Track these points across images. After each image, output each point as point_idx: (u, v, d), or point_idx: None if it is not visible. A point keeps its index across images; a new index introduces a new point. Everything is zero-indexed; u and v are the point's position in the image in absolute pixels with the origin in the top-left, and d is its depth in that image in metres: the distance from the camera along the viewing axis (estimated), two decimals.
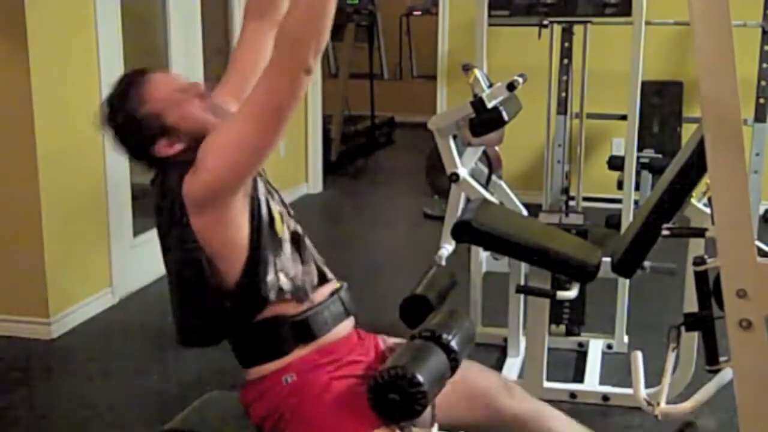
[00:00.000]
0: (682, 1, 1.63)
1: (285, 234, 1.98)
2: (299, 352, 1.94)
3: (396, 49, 9.31)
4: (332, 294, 2.04)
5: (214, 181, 1.83)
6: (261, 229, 1.91)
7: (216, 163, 1.82)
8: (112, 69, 4.25)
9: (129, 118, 1.93)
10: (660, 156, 5.11)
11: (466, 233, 2.94)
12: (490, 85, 3.37)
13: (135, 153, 1.99)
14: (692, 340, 3.04)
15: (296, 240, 2.01)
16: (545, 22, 5.09)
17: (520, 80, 3.26)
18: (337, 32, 8.66)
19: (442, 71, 6.88)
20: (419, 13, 9.06)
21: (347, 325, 2.06)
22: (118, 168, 4.37)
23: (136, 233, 4.64)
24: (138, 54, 4.83)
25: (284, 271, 1.93)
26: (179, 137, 1.93)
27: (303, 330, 1.95)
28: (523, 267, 3.39)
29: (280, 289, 1.91)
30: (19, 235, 3.92)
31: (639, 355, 2.04)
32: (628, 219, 3.58)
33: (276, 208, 1.99)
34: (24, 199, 3.86)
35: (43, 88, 3.80)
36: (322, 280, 2.04)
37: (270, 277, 1.90)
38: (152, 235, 4.72)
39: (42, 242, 3.88)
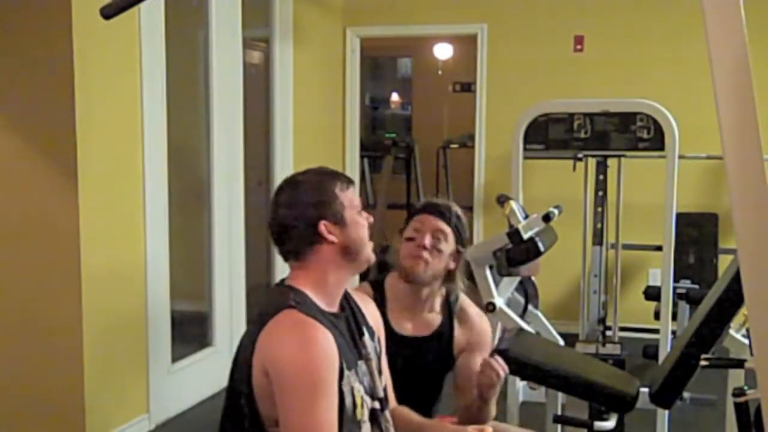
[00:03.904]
0: (714, 136, 1.68)
1: (365, 416, 2.03)
2: None
3: (433, 180, 9.44)
4: None
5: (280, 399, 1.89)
6: (342, 420, 1.94)
7: (292, 405, 1.88)
8: (156, 198, 4.38)
9: (327, 188, 2.05)
10: (697, 287, 5.09)
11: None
12: (526, 217, 3.42)
13: (304, 215, 2.04)
14: None
15: (375, 418, 2.07)
16: (580, 156, 5.19)
17: (556, 212, 3.31)
18: (375, 164, 8.84)
19: (478, 202, 6.97)
20: (456, 145, 9.22)
21: None
22: (159, 294, 4.45)
23: (174, 359, 4.67)
24: (182, 185, 4.98)
25: None
26: (339, 234, 2.04)
27: None
28: (560, 397, 3.36)
29: None
30: (61, 360, 3.96)
31: None
32: (665, 349, 3.57)
33: (360, 392, 2.03)
34: (67, 324, 3.91)
35: (90, 215, 3.91)
36: None
37: None
38: (190, 361, 4.83)
39: (82, 368, 3.92)
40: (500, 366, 2.46)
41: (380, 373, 2.18)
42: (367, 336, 2.16)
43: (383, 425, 2.08)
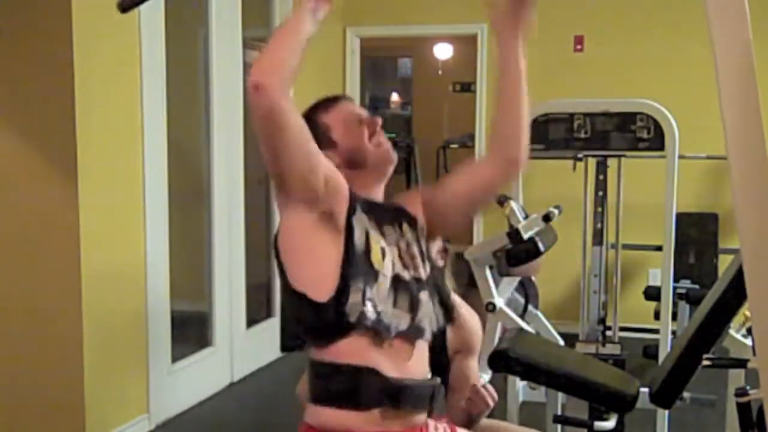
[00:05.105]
0: (714, 136, 1.68)
1: (386, 270, 2.01)
2: (369, 419, 1.95)
3: (433, 180, 9.44)
4: (428, 380, 2.08)
5: (274, 189, 1.99)
6: (352, 255, 1.96)
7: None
8: (156, 198, 4.38)
9: (308, 118, 2.06)
10: (697, 287, 5.10)
11: (502, 363, 2.93)
12: (526, 217, 3.42)
13: None
14: None
15: (397, 282, 2.03)
16: (580, 156, 5.18)
17: (556, 212, 3.31)
18: None
19: None
20: (456, 145, 9.24)
21: (421, 418, 2.07)
22: (158, 294, 4.44)
23: (174, 359, 4.67)
24: (182, 186, 4.97)
25: (373, 302, 1.96)
26: (336, 154, 2.10)
27: (392, 392, 1.97)
28: (560, 397, 3.36)
29: (362, 314, 1.93)
30: (60, 360, 3.96)
31: None
32: (665, 349, 3.57)
33: (379, 243, 2.03)
34: (66, 324, 3.91)
35: (90, 215, 3.90)
36: (415, 333, 2.05)
37: (354, 300, 1.94)
38: (190, 362, 4.83)
39: (82, 368, 3.91)
40: (489, 395, 2.46)
41: (425, 259, 2.16)
42: (406, 225, 2.17)
43: (402, 297, 2.04)
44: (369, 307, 1.95)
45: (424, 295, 2.09)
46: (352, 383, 1.95)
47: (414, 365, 2.04)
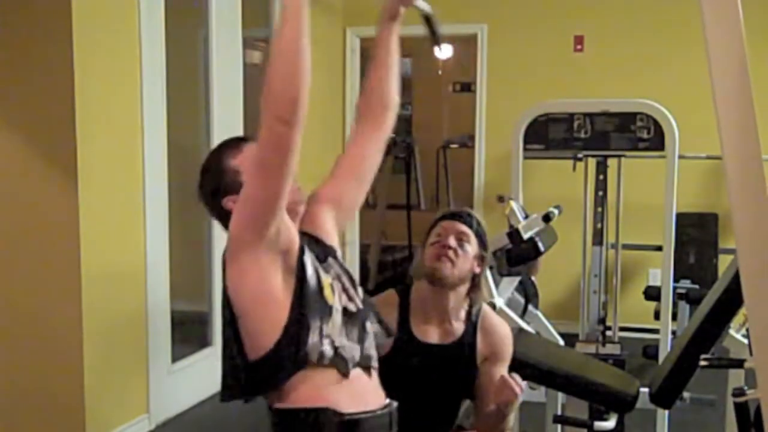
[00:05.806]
0: (714, 136, 1.68)
1: (336, 304, 2.02)
2: None
3: (433, 180, 9.43)
4: (385, 407, 2.07)
5: (234, 230, 1.93)
6: (305, 292, 1.96)
7: (235, 215, 1.93)
8: (156, 198, 4.39)
9: (216, 166, 2.11)
10: (697, 287, 5.10)
11: None
12: (526, 217, 3.42)
13: (208, 200, 2.12)
14: None
15: (347, 315, 2.05)
16: (580, 156, 5.18)
17: (556, 212, 3.31)
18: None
19: (478, 202, 6.96)
20: (456, 145, 9.22)
21: None
22: (159, 294, 4.44)
23: (174, 359, 4.67)
24: (182, 185, 4.97)
25: (330, 338, 1.97)
26: None
27: (349, 429, 1.96)
28: (561, 397, 3.36)
29: (321, 354, 1.94)
30: (61, 360, 3.95)
31: None
32: (665, 349, 3.57)
33: (327, 279, 2.04)
34: (66, 324, 3.91)
35: (90, 215, 3.90)
36: (367, 362, 2.07)
37: (313, 340, 1.94)
38: (190, 362, 4.83)
39: (82, 368, 3.91)
40: (517, 384, 2.44)
41: (356, 288, 2.17)
42: (331, 259, 2.17)
43: (354, 330, 2.06)
44: (326, 345, 1.96)
45: (368, 324, 2.12)
46: (310, 427, 1.96)
47: (372, 395, 2.07)
